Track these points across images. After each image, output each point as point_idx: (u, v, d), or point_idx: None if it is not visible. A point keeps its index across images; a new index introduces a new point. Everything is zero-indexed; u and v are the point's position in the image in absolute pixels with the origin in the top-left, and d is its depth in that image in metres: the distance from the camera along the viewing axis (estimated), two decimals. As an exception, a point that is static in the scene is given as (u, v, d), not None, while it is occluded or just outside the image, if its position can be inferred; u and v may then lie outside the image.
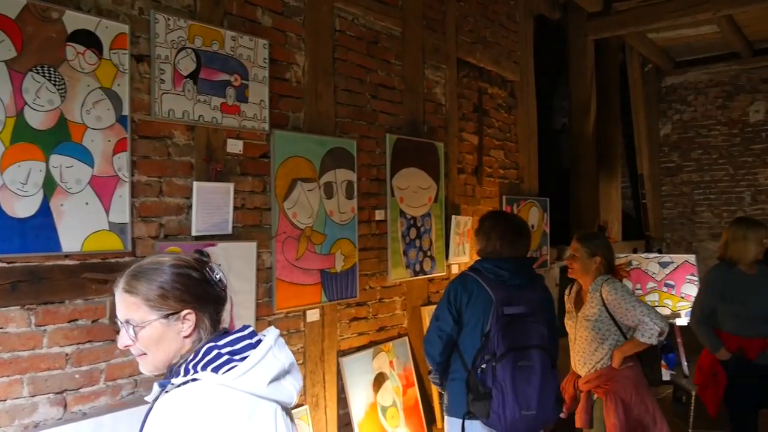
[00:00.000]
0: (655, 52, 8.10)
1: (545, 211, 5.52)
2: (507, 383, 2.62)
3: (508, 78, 5.18)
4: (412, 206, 3.99)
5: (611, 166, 7.15)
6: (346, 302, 3.53)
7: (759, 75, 8.26)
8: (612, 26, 6.46)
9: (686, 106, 8.76)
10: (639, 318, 3.06)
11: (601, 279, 3.28)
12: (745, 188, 8.36)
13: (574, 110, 6.60)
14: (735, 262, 3.74)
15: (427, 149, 4.12)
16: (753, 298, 3.66)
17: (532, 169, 5.51)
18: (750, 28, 7.36)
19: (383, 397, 3.70)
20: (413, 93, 4.05)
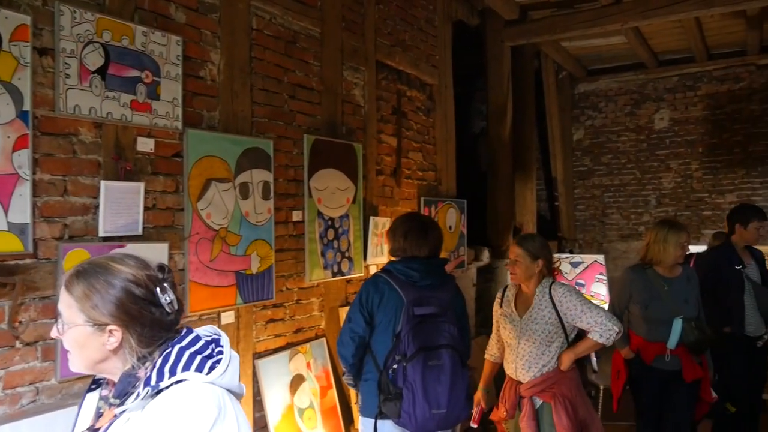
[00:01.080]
0: (568, 60, 8.41)
1: (463, 213, 5.63)
2: (417, 383, 2.66)
3: (426, 81, 5.26)
4: (330, 207, 4.00)
5: (527, 169, 7.37)
6: (263, 304, 3.50)
7: (663, 84, 8.72)
8: (527, 34, 6.66)
9: (597, 113, 9.14)
10: (596, 320, 3.05)
11: (547, 281, 3.24)
12: (651, 192, 8.80)
13: (491, 114, 6.77)
14: (652, 264, 3.74)
15: (346, 150, 4.14)
16: (657, 302, 3.66)
17: (450, 172, 5.61)
18: (655, 39, 7.75)
19: (300, 399, 3.68)
20: (332, 94, 4.05)
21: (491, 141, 6.77)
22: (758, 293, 4.25)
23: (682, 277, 3.73)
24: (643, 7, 6.01)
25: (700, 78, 8.50)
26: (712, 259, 4.45)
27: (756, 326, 4.26)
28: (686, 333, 3.56)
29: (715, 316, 4.10)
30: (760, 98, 8.15)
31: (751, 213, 4.34)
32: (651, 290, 3.69)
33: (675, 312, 3.60)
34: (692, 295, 3.72)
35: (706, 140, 8.46)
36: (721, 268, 4.30)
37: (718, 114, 8.40)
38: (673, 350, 3.58)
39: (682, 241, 3.69)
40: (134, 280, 1.40)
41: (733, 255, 4.32)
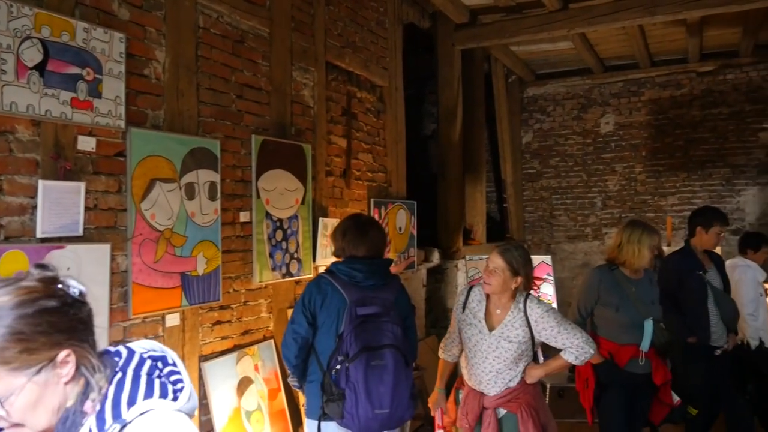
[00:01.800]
0: (518, 64, 8.56)
1: (413, 214, 5.67)
2: (360, 383, 2.66)
3: (377, 83, 5.28)
4: (279, 208, 3.97)
5: (477, 171, 7.46)
6: (209, 306, 3.45)
7: (609, 90, 8.94)
8: (477, 38, 6.75)
9: (546, 116, 9.32)
10: (572, 341, 2.98)
11: (521, 297, 3.09)
12: (597, 194, 9.01)
13: (442, 117, 6.83)
14: (620, 265, 3.66)
15: (295, 151, 4.12)
16: (627, 303, 3.58)
17: (400, 173, 5.65)
18: (601, 46, 7.95)
19: (248, 402, 3.65)
20: (280, 94, 4.03)
21: (441, 143, 6.83)
22: (720, 300, 4.15)
23: (646, 279, 3.70)
24: (588, 14, 6.16)
25: (643, 84, 8.76)
26: (673, 264, 4.32)
27: (719, 334, 4.16)
28: (657, 335, 3.53)
29: (678, 324, 4.05)
30: (700, 104, 8.44)
31: (714, 217, 4.23)
32: (620, 292, 3.61)
33: (645, 314, 3.55)
34: (656, 296, 3.70)
35: (649, 144, 8.72)
36: (682, 274, 4.20)
37: (661, 119, 8.66)
38: (646, 353, 3.54)
39: (655, 244, 3.64)
40: (38, 295, 1.14)
41: (695, 260, 4.21)
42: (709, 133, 8.40)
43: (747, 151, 8.24)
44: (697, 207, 8.29)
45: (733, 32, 7.48)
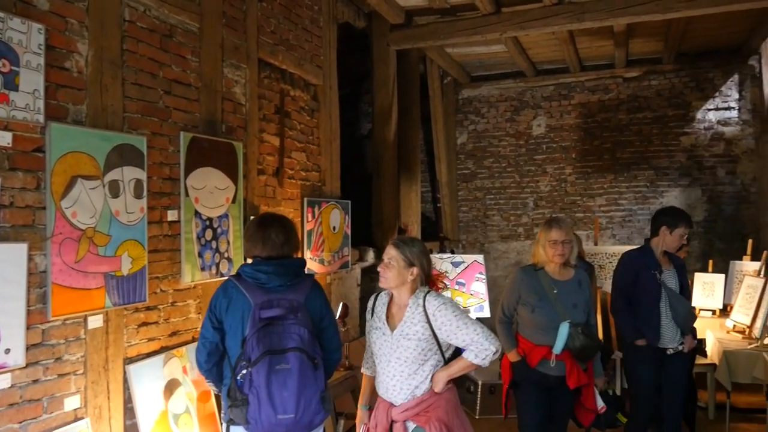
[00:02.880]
0: (453, 66, 8.67)
1: (347, 214, 5.67)
2: (262, 388, 2.58)
3: (311, 81, 5.26)
4: (209, 207, 3.90)
5: (411, 171, 7.52)
6: (135, 307, 3.36)
7: (541, 93, 9.17)
8: (412, 39, 6.80)
9: (480, 118, 9.47)
10: (472, 337, 2.75)
11: (422, 292, 2.88)
12: (529, 194, 9.23)
13: (377, 117, 6.86)
14: (544, 266, 3.63)
15: (225, 149, 4.05)
16: (545, 305, 3.54)
17: (335, 172, 5.63)
18: (533, 50, 8.14)
19: (175, 404, 3.57)
20: (211, 91, 3.96)
21: (376, 143, 6.85)
22: (674, 302, 4.04)
23: (573, 281, 3.61)
24: (520, 19, 6.30)
25: (573, 88, 9.02)
26: (631, 260, 4.22)
27: (670, 337, 4.05)
28: (572, 338, 3.45)
29: (628, 325, 4.08)
30: (627, 108, 8.75)
31: (681, 218, 4.12)
32: (539, 292, 3.57)
33: (563, 316, 3.50)
34: (582, 299, 3.60)
35: (578, 147, 8.98)
36: (637, 272, 4.10)
37: (590, 122, 8.94)
38: (558, 355, 3.48)
39: (552, 238, 3.55)
40: None
41: (651, 259, 4.12)
42: (634, 136, 8.73)
43: (670, 154, 8.59)
44: (623, 208, 8.71)
45: (656, 40, 7.79)
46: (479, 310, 6.42)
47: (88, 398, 3.07)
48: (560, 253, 3.55)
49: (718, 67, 8.39)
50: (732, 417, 5.13)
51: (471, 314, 6.37)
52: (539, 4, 6.19)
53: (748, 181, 8.30)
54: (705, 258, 7.74)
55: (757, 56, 8.10)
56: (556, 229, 3.57)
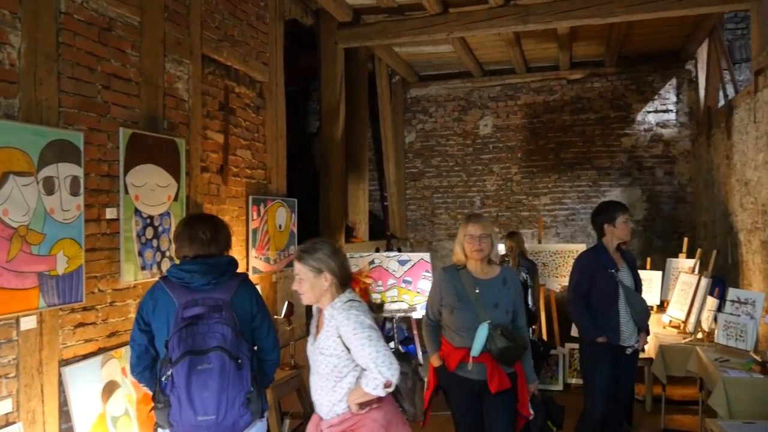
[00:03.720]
0: (401, 65, 8.71)
1: (293, 212, 5.63)
2: (182, 389, 2.53)
3: (256, 78, 5.20)
4: (149, 204, 3.82)
5: (359, 169, 7.53)
6: (71, 307, 3.26)
7: (488, 93, 9.30)
8: (360, 37, 6.81)
9: (428, 117, 9.55)
10: (367, 362, 2.54)
11: (339, 302, 2.66)
12: (476, 193, 9.34)
13: (325, 114, 6.84)
14: (466, 263, 3.42)
15: (167, 146, 3.98)
16: (465, 305, 3.32)
17: (281, 170, 5.59)
18: (480, 51, 8.25)
19: (114, 407, 3.48)
20: (152, 86, 3.87)
21: (324, 141, 6.84)
22: (631, 299, 4.04)
23: (497, 279, 3.39)
24: (466, 20, 6.38)
25: (519, 88, 9.17)
26: (586, 262, 4.19)
27: (629, 334, 4.05)
28: (492, 340, 3.21)
29: (588, 324, 4.05)
30: (571, 110, 8.95)
31: (614, 208, 4.14)
32: (459, 292, 3.35)
33: (483, 317, 3.27)
34: (506, 299, 3.36)
35: (524, 146, 9.14)
36: (594, 273, 4.07)
37: (535, 123, 9.11)
38: (476, 358, 3.24)
39: (469, 233, 3.34)
40: None
41: (607, 258, 4.09)
42: (578, 137, 8.93)
43: (611, 154, 8.82)
44: (567, 207, 8.91)
45: (599, 44, 7.99)
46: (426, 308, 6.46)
47: (21, 402, 2.97)
48: (478, 249, 3.31)
49: (657, 71, 8.67)
50: (667, 409, 5.31)
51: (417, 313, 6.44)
52: (485, 6, 6.28)
53: (685, 181, 8.59)
54: (644, 255, 7.98)
55: (694, 61, 8.39)
56: (473, 224, 3.33)
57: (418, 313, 6.41)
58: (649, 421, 5.38)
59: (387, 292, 6.38)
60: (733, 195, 6.38)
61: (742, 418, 3.62)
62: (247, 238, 4.97)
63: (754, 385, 3.79)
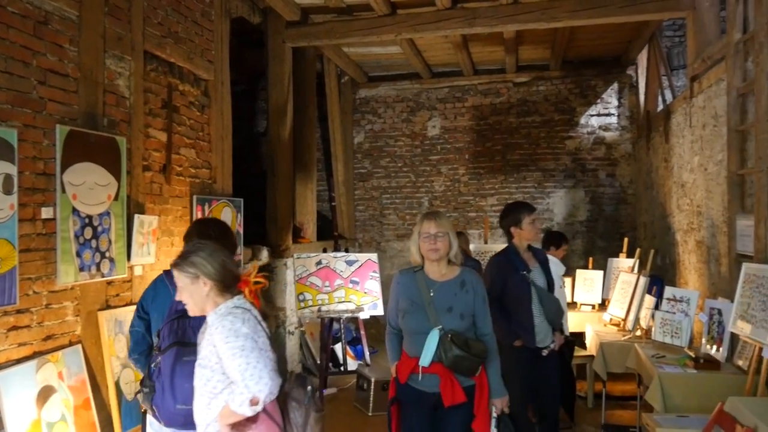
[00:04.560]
0: (350, 66, 8.70)
1: (239, 212, 5.57)
2: (166, 376, 2.64)
3: (201, 76, 5.12)
4: (88, 204, 3.72)
5: (307, 169, 7.49)
6: (3, 310, 3.16)
7: (436, 95, 9.37)
8: (308, 36, 6.78)
9: (377, 118, 9.56)
10: (235, 375, 2.31)
11: (224, 308, 2.43)
12: (424, 194, 9.41)
13: (272, 114, 6.78)
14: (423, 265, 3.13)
15: (107, 144, 3.88)
16: (416, 309, 3.02)
17: (226, 170, 5.52)
18: (428, 52, 8.31)
19: (49, 413, 3.38)
20: (91, 83, 3.78)
21: (271, 140, 6.78)
22: (544, 300, 3.96)
23: (454, 282, 3.06)
24: (414, 21, 6.42)
25: (467, 91, 9.27)
26: (496, 267, 4.06)
27: (544, 335, 3.96)
28: (442, 348, 2.90)
29: (503, 328, 3.85)
30: (517, 112, 9.10)
31: (519, 210, 4.04)
32: (413, 296, 3.06)
33: (435, 322, 2.95)
34: (461, 302, 3.02)
35: (471, 148, 9.25)
36: (506, 277, 3.96)
37: (482, 125, 9.22)
38: (426, 368, 2.93)
39: (424, 231, 3.04)
40: None
41: (518, 260, 3.99)
42: (523, 139, 9.08)
43: (556, 156, 9.00)
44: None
45: (544, 48, 8.15)
46: (373, 308, 6.49)
47: (-51, 409, 2.85)
48: (434, 248, 3.00)
49: (600, 76, 8.88)
50: (608, 405, 5.45)
51: (364, 313, 6.46)
52: (433, 8, 6.33)
53: (626, 183, 8.83)
54: (587, 255, 8.19)
55: (635, 66, 8.63)
56: (428, 221, 3.04)
57: (366, 313, 6.44)
58: (590, 418, 5.51)
59: (334, 293, 6.37)
60: (671, 197, 6.59)
61: (676, 412, 3.74)
62: (191, 239, 4.88)
63: (688, 379, 3.92)
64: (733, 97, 4.35)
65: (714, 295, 4.81)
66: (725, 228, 4.64)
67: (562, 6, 6.10)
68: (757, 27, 3.90)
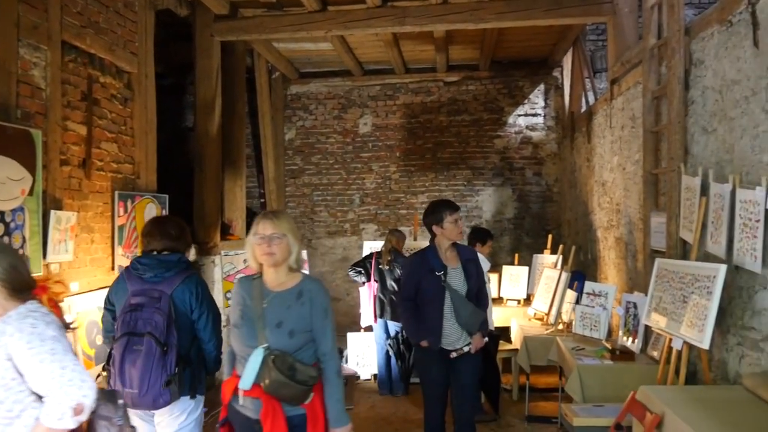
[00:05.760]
0: (281, 61, 8.62)
1: (164, 208, 5.44)
2: (116, 362, 2.97)
3: (124, 68, 4.97)
4: (0, 199, 3.56)
5: (236, 165, 7.38)
6: None
7: (367, 92, 9.40)
8: (237, 31, 6.67)
9: (309, 114, 9.51)
10: (50, 384, 2.04)
11: (15, 314, 2.12)
12: (356, 191, 9.42)
13: (200, 109, 6.64)
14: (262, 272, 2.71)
15: (20, 137, 3.72)
16: (244, 324, 2.61)
17: (150, 165, 5.37)
18: (359, 50, 8.32)
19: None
20: (3, 73, 3.61)
21: (199, 136, 6.65)
22: (457, 304, 3.87)
23: (290, 292, 2.62)
24: (345, 18, 6.41)
25: (398, 89, 9.34)
26: (411, 268, 4.04)
27: (455, 338, 3.90)
28: (265, 371, 2.47)
29: (412, 328, 3.97)
30: (447, 111, 9.23)
31: (441, 209, 3.97)
32: (246, 307, 2.63)
33: (261, 339, 2.53)
34: (294, 317, 2.57)
35: (402, 146, 9.32)
36: (421, 277, 3.92)
37: (413, 123, 9.31)
38: (247, 391, 2.53)
39: (258, 232, 2.61)
40: None
41: (435, 261, 3.91)
42: (453, 137, 9.22)
43: (485, 155, 9.18)
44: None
45: (473, 48, 8.30)
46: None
47: None
48: (267, 252, 2.57)
49: (527, 77, 9.11)
50: (532, 397, 5.61)
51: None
52: (363, 6, 6.34)
53: (552, 181, 9.09)
54: (514, 252, 8.39)
55: (560, 68, 8.90)
56: (264, 221, 2.61)
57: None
58: (515, 410, 5.66)
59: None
60: (593, 195, 6.83)
61: (594, 402, 3.88)
62: (113, 236, 4.74)
63: (605, 370, 4.07)
64: (649, 100, 4.54)
65: (631, 290, 5.01)
66: (641, 225, 4.84)
67: (490, 8, 6.22)
68: (670, 33, 4.08)
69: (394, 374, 6.22)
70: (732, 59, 3.40)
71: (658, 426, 2.82)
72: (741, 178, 3.24)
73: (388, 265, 6.24)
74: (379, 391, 6.27)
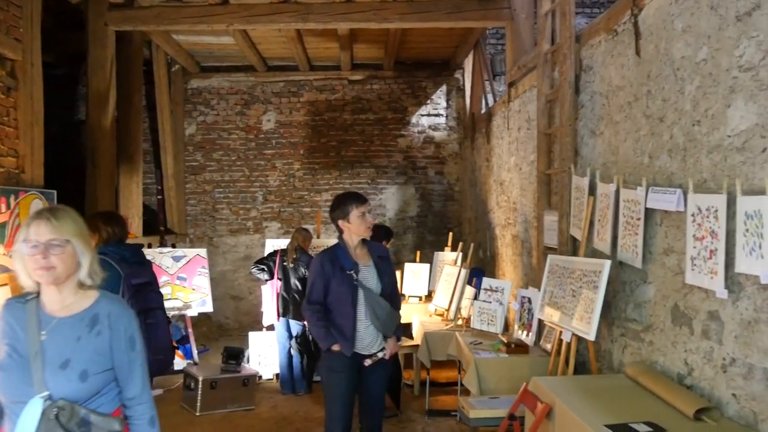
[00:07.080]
0: (181, 54, 8.37)
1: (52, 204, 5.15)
2: None
3: (6, 55, 4.67)
4: None
5: (132, 161, 7.11)
6: None
7: (271, 88, 9.29)
8: (133, 20, 6.42)
9: (210, 109, 9.29)
10: None
11: None
12: (258, 188, 9.29)
13: (92, 101, 6.35)
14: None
15: None
16: (15, 362, 1.90)
17: (37, 159, 5.07)
18: (263, 45, 8.21)
19: None
20: None
21: (92, 129, 6.36)
22: (372, 304, 3.56)
23: (80, 318, 1.97)
24: (247, 13, 6.31)
25: (303, 86, 9.29)
26: (319, 265, 3.63)
27: (370, 341, 3.60)
28: (44, 427, 1.81)
29: (321, 331, 3.56)
30: (352, 109, 9.26)
31: (347, 202, 3.64)
32: (15, 340, 1.92)
33: (38, 385, 1.85)
34: (85, 353, 1.93)
35: (307, 143, 9.28)
36: (330, 276, 3.57)
37: (318, 120, 9.28)
38: None
39: (30, 238, 1.92)
40: None
41: (345, 258, 3.59)
42: (358, 136, 9.27)
43: (389, 154, 9.28)
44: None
45: (378, 48, 8.36)
46: (202, 305, 6.31)
47: None
48: (43, 267, 1.89)
49: (431, 78, 9.29)
50: (432, 391, 5.71)
51: (192, 310, 6.26)
52: (266, 0, 6.26)
53: (453, 181, 9.31)
54: (417, 249, 8.53)
55: (462, 70, 9.12)
56: (37, 223, 1.90)
57: (194, 310, 6.25)
58: (416, 405, 5.74)
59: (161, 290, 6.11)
60: (492, 194, 7.05)
61: (490, 394, 4.00)
62: (-6, 234, 4.45)
63: (501, 363, 4.21)
64: (542, 103, 4.73)
65: (526, 285, 5.21)
66: (536, 223, 5.04)
67: (393, 8, 6.29)
68: (562, 40, 4.27)
69: (296, 373, 6.18)
70: (617, 66, 3.60)
71: (547, 415, 2.94)
72: (624, 178, 3.44)
73: (293, 263, 6.18)
74: (282, 390, 6.20)
